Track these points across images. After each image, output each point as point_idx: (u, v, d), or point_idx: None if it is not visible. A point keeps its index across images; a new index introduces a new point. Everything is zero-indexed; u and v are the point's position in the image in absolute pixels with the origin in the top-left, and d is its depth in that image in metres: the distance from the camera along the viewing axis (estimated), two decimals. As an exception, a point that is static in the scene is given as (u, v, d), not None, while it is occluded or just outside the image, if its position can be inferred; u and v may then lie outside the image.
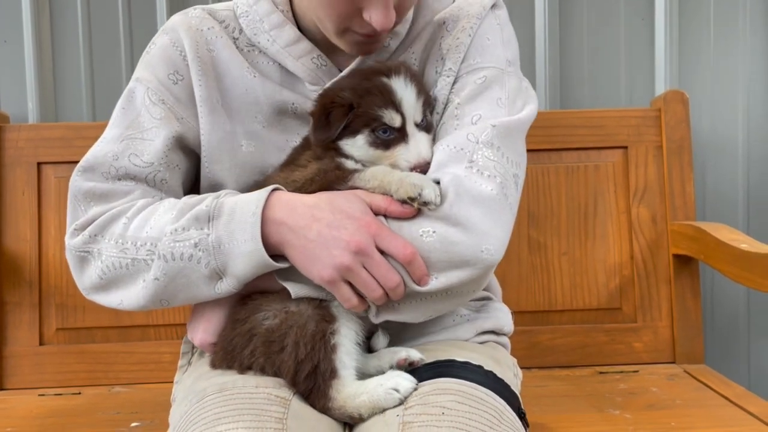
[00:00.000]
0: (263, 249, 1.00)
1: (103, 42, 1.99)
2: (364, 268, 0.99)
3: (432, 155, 1.07)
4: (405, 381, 0.99)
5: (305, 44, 1.19)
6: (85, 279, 1.11)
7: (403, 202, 1.01)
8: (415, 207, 1.00)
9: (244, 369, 1.06)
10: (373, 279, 0.99)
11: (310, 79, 1.19)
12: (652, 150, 1.82)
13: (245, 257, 1.00)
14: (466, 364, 1.05)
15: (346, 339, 1.03)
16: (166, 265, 1.03)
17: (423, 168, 1.06)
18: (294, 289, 1.04)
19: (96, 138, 1.20)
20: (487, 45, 1.17)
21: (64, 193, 1.75)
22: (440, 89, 1.16)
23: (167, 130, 1.15)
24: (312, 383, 1.00)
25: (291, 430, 0.93)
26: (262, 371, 1.04)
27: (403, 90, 1.07)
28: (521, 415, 1.05)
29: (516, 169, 1.08)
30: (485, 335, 1.22)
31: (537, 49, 1.98)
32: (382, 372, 1.04)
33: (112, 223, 1.09)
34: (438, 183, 1.02)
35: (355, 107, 1.07)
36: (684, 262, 1.78)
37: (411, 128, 1.07)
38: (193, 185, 1.24)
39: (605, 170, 1.81)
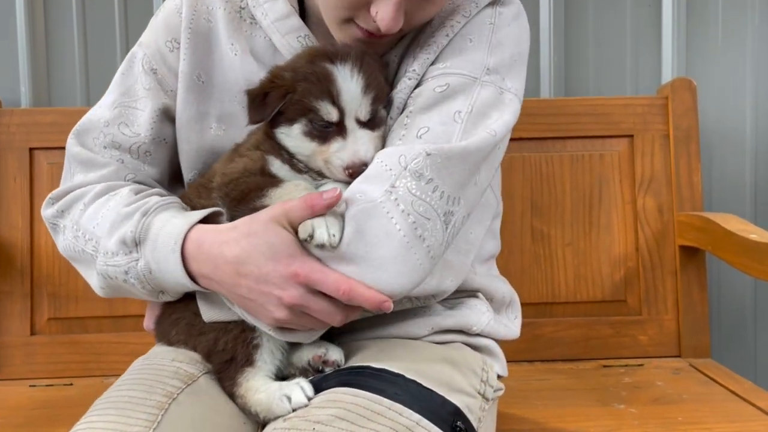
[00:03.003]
0: (192, 284, 0.99)
1: (98, 24, 1.95)
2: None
3: (372, 156, 0.97)
4: (299, 392, 0.95)
5: (294, 20, 1.13)
6: (58, 245, 1.15)
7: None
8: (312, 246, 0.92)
9: (171, 344, 1.12)
10: (319, 317, 0.95)
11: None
12: (658, 139, 1.78)
13: (177, 285, 1.01)
14: (381, 371, 0.97)
15: (271, 343, 1.01)
16: (105, 281, 1.06)
17: (358, 169, 0.97)
18: (207, 314, 1.03)
19: None
20: (465, 48, 1.06)
21: (56, 179, 1.70)
22: (398, 92, 1.06)
23: (154, 103, 1.16)
24: (224, 366, 1.02)
25: (179, 402, 0.97)
26: (185, 345, 1.09)
27: (347, 80, 0.97)
28: (456, 430, 0.96)
29: (452, 206, 0.95)
30: (448, 334, 1.11)
31: (541, 35, 1.94)
32: (300, 366, 1.02)
33: (75, 204, 1.11)
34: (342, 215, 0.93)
35: (291, 92, 0.98)
36: (690, 253, 1.75)
37: (351, 124, 0.98)
38: None
39: (610, 159, 1.78)
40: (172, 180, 1.22)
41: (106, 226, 1.04)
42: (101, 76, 1.95)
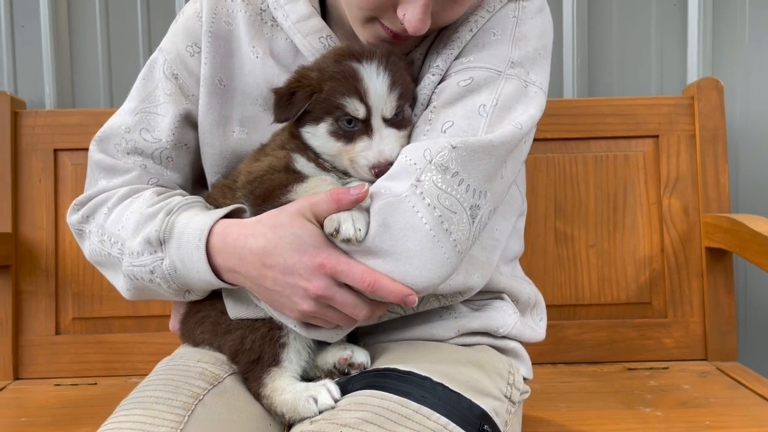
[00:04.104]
0: (217, 280, 0.99)
1: (121, 27, 1.97)
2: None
3: (397, 155, 0.97)
4: (326, 394, 0.95)
5: (316, 21, 1.12)
6: (84, 251, 1.16)
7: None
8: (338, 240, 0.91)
9: (197, 344, 1.11)
10: (344, 310, 0.95)
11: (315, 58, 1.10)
12: (684, 139, 1.75)
13: (202, 283, 1.01)
14: (407, 374, 0.96)
15: (297, 342, 1.01)
16: (131, 282, 1.06)
17: (383, 168, 0.96)
18: (233, 311, 1.03)
19: None
20: (489, 42, 1.05)
21: (80, 180, 1.74)
22: (422, 88, 1.05)
23: (175, 108, 1.16)
24: (250, 366, 1.02)
25: (205, 404, 0.96)
26: (210, 345, 1.09)
27: (373, 78, 0.97)
28: None
29: (478, 200, 0.95)
30: (474, 336, 1.10)
31: (565, 34, 1.92)
32: (326, 369, 1.02)
33: (99, 209, 1.12)
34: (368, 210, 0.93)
35: (318, 92, 0.98)
36: (717, 255, 1.72)
37: (377, 122, 0.97)
38: None
39: (635, 160, 1.76)
40: (195, 185, 1.22)
41: (131, 227, 1.05)
42: (124, 78, 1.96)
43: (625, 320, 1.73)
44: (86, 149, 1.72)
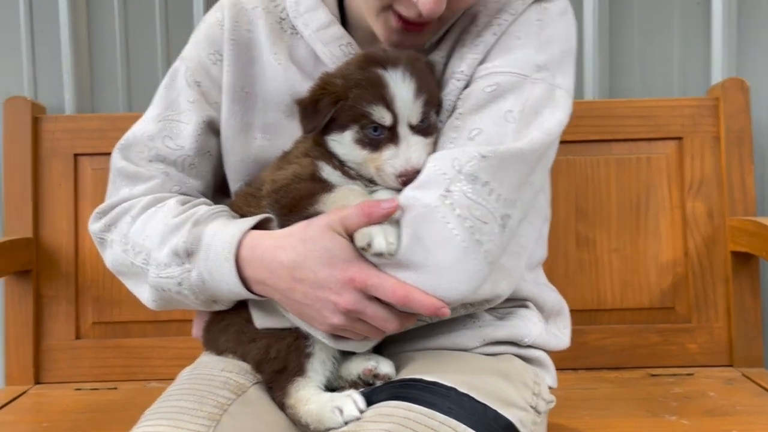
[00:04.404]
0: (246, 291, 0.98)
1: (140, 31, 1.97)
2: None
3: (424, 163, 0.96)
4: (351, 405, 0.94)
5: (336, 29, 1.12)
6: (106, 260, 1.15)
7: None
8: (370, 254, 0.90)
9: (220, 352, 1.10)
10: (374, 324, 0.94)
11: (336, 66, 1.09)
12: (708, 141, 1.72)
13: (231, 294, 1.00)
14: (433, 384, 0.95)
15: (323, 352, 1.00)
16: (158, 293, 1.05)
17: (411, 177, 0.95)
18: (260, 321, 1.02)
19: None
20: (514, 46, 1.03)
21: (100, 184, 1.75)
22: (447, 94, 1.04)
23: (198, 115, 1.16)
24: (275, 376, 1.01)
25: (231, 414, 0.95)
26: (234, 354, 1.08)
27: (399, 85, 0.95)
28: None
29: (509, 209, 0.94)
30: (499, 346, 1.09)
31: (585, 35, 1.89)
32: (350, 380, 1.01)
33: (122, 217, 1.11)
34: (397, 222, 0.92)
35: (343, 99, 0.97)
36: (743, 259, 1.69)
37: (403, 129, 0.96)
38: None
39: (658, 162, 1.73)
40: (216, 192, 1.22)
41: (156, 238, 1.04)
42: (143, 82, 1.97)
43: (648, 325, 1.70)
44: (106, 154, 1.75)
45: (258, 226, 1.00)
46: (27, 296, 1.74)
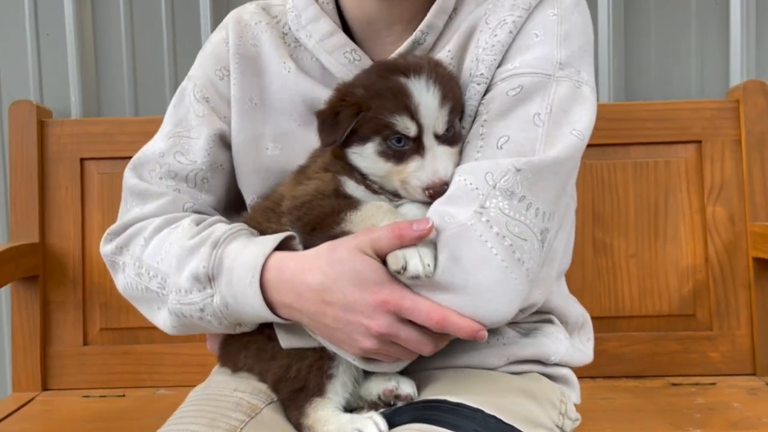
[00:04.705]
0: (273, 315, 0.95)
1: (146, 35, 1.95)
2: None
3: (452, 174, 0.93)
4: (372, 427, 0.90)
5: (339, 37, 1.10)
6: (118, 284, 1.13)
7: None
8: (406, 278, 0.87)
9: (237, 369, 1.07)
10: (408, 347, 0.91)
11: (343, 75, 1.08)
12: (729, 144, 1.68)
13: (256, 318, 0.97)
14: (458, 406, 0.91)
15: (345, 374, 0.97)
16: (179, 320, 1.02)
17: (438, 189, 0.92)
18: (285, 341, 0.99)
19: (139, 133, 1.25)
20: (532, 44, 1.00)
21: (107, 189, 1.75)
22: (469, 99, 1.00)
23: (209, 128, 1.14)
24: (293, 395, 0.97)
25: None
26: (250, 371, 1.04)
27: (423, 93, 0.92)
28: None
29: (547, 222, 0.91)
30: (525, 364, 1.05)
31: (600, 36, 1.85)
32: (370, 400, 0.98)
33: (134, 239, 1.08)
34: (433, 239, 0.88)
35: (364, 110, 0.93)
36: (765, 265, 1.65)
37: (429, 140, 0.92)
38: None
39: (677, 166, 1.69)
40: (229, 207, 1.19)
41: (173, 261, 1.00)
42: (150, 86, 1.95)
43: (667, 333, 1.67)
44: (113, 158, 1.78)
45: (280, 246, 0.97)
46: (34, 302, 1.72)
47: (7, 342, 1.80)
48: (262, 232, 1.02)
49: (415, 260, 0.85)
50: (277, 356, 0.99)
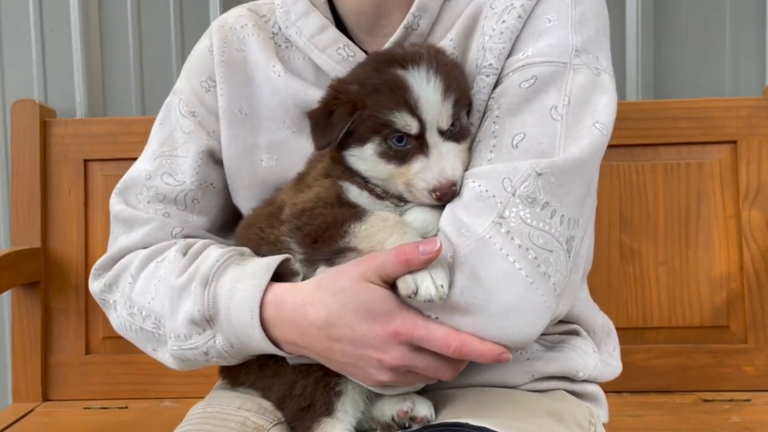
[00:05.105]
0: (280, 351, 0.90)
1: (153, 32, 1.91)
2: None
3: (461, 174, 0.86)
4: None
5: (331, 33, 1.03)
6: (112, 322, 1.07)
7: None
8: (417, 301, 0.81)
9: (237, 384, 1.02)
10: (426, 375, 0.86)
11: (337, 73, 1.00)
12: (766, 145, 1.59)
13: (264, 352, 0.92)
14: (479, 429, 0.84)
15: (355, 391, 0.91)
16: (183, 362, 0.97)
17: (446, 190, 0.84)
18: (293, 358, 0.93)
19: (145, 133, 1.16)
20: (545, 30, 0.91)
21: (112, 191, 1.67)
22: (477, 92, 0.92)
23: (197, 145, 1.08)
24: (299, 414, 0.91)
25: None
26: (252, 387, 1.00)
27: (423, 86, 0.84)
28: None
29: (573, 230, 0.84)
30: (550, 381, 0.99)
31: (628, 30, 1.77)
32: (383, 421, 0.92)
33: (122, 276, 1.03)
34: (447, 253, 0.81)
35: (360, 108, 0.86)
36: (805, 274, 1.56)
37: (433, 136, 0.85)
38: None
39: (710, 168, 1.61)
40: (223, 227, 1.13)
41: (165, 303, 0.95)
42: (157, 84, 1.90)
43: (699, 345, 1.59)
44: (117, 159, 1.73)
45: (276, 271, 0.90)
46: (35, 309, 1.68)
47: (8, 350, 1.78)
48: (265, 239, 0.96)
49: (427, 283, 0.79)
50: (281, 372, 0.93)
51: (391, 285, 0.82)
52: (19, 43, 1.89)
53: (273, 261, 0.89)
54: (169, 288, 0.94)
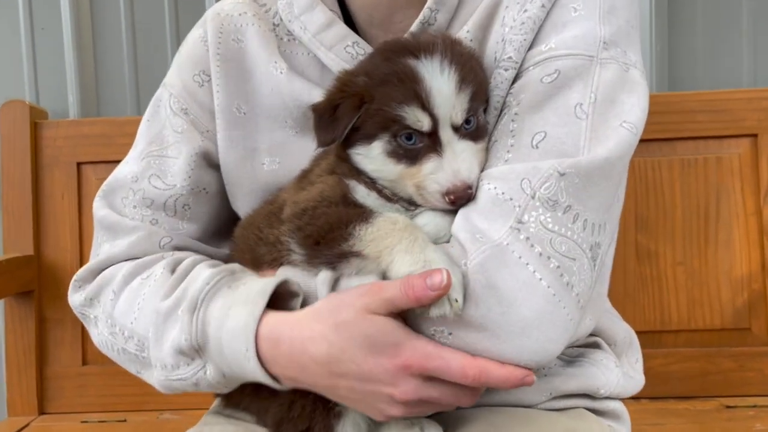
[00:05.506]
0: (279, 384, 0.83)
1: (148, 27, 1.87)
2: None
3: (477, 175, 0.80)
4: None
5: (338, 28, 0.97)
6: (93, 339, 1.01)
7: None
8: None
9: (231, 406, 0.97)
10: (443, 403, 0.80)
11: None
12: (788, 138, 1.54)
13: (258, 381, 0.84)
14: None
15: (356, 413, 0.85)
16: (172, 390, 0.90)
17: (461, 194, 0.79)
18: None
19: None
20: (570, 20, 0.85)
21: None
22: (495, 87, 0.86)
23: (189, 146, 1.01)
24: None
25: None
26: (246, 410, 0.95)
27: (436, 77, 0.78)
28: None
29: (597, 236, 0.78)
30: (569, 399, 0.93)
31: (642, 21, 1.72)
32: None
33: (103, 291, 0.97)
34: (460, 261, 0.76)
35: (367, 101, 0.80)
36: (830, 274, 1.50)
37: (446, 134, 0.79)
38: (229, 209, 1.06)
39: (729, 163, 1.55)
40: (215, 235, 1.06)
41: (150, 328, 0.88)
42: (152, 83, 1.81)
43: (720, 349, 1.54)
44: (112, 162, 1.64)
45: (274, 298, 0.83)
46: (29, 319, 1.63)
47: (2, 362, 1.74)
48: (264, 239, 0.90)
49: (441, 299, 0.72)
50: (278, 393, 0.87)
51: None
52: (8, 41, 1.85)
53: (268, 285, 0.82)
54: (154, 312, 0.88)
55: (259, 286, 0.82)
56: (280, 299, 0.83)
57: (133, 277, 0.94)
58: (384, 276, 0.77)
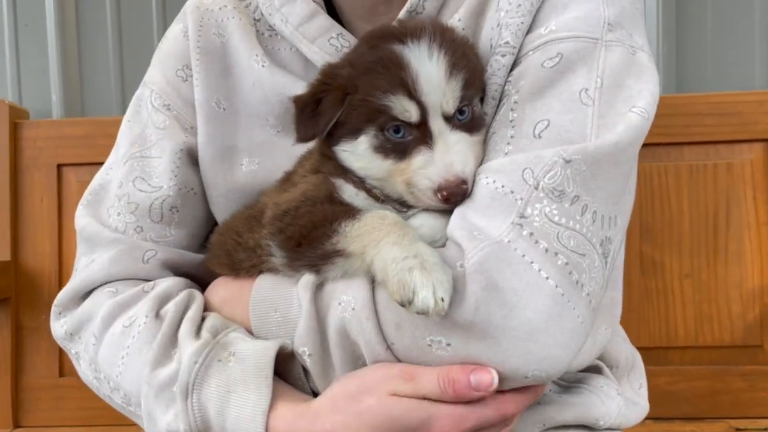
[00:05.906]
0: None
1: (134, 25, 1.86)
2: None
3: (473, 170, 0.75)
4: None
5: (321, 20, 0.93)
6: (78, 372, 0.96)
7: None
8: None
9: None
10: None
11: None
12: (803, 143, 1.51)
13: None
14: None
15: None
16: None
17: (455, 190, 0.73)
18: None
19: None
20: (572, 1, 0.81)
21: None
22: (492, 75, 0.82)
23: (173, 143, 0.97)
24: None
25: None
26: None
27: (424, 62, 0.74)
28: None
29: (608, 229, 0.73)
30: (564, 430, 0.88)
31: (648, 16, 1.70)
32: None
33: (84, 329, 0.92)
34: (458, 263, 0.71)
35: (351, 92, 0.76)
36: None
37: (437, 124, 0.74)
38: None
39: (740, 169, 1.52)
40: (204, 242, 1.00)
41: (139, 396, 0.82)
42: (138, 82, 1.78)
43: (729, 367, 1.51)
44: (93, 164, 1.62)
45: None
46: (4, 328, 1.60)
47: None
48: (243, 244, 0.84)
49: (426, 292, 0.65)
50: None
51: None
52: (-9, 38, 1.84)
53: (265, 363, 0.76)
54: (144, 381, 0.81)
55: (254, 360, 0.77)
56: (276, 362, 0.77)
57: (113, 318, 0.88)
58: (371, 277, 0.71)
